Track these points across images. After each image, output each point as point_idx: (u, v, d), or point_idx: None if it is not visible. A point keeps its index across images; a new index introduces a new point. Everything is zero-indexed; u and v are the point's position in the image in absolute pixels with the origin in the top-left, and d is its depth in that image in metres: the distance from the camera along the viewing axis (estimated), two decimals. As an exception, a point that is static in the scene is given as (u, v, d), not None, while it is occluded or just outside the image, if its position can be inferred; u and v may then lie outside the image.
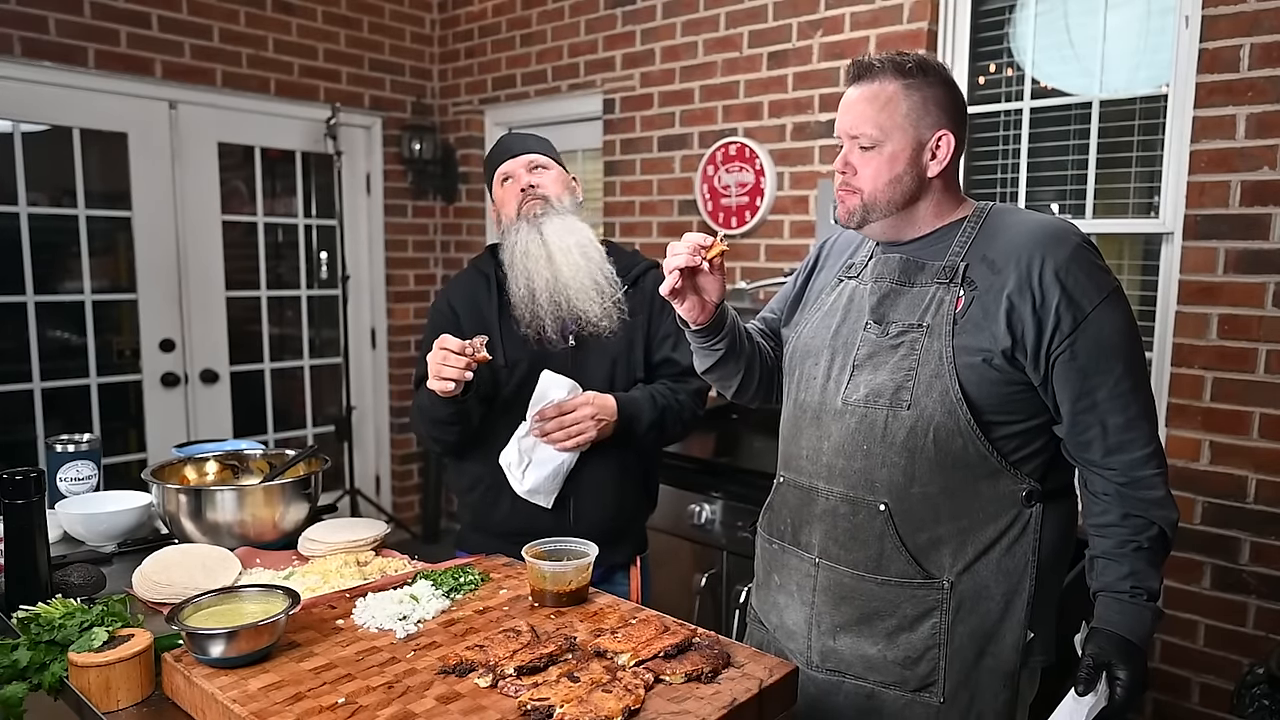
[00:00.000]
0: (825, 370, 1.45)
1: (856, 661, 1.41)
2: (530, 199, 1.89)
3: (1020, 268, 1.30)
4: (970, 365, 1.31)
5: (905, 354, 1.36)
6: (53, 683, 1.20)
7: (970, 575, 1.36)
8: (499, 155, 1.96)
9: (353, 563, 1.62)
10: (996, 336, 1.30)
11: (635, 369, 1.95)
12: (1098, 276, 1.30)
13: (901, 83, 1.34)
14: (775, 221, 3.40)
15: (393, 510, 4.81)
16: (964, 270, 1.35)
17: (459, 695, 1.11)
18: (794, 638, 1.50)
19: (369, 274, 4.69)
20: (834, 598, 1.43)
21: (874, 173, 1.36)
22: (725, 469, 2.79)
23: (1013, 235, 1.34)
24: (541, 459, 1.81)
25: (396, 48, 4.58)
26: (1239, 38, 2.38)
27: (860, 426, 1.38)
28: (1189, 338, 2.51)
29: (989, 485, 1.34)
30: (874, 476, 1.37)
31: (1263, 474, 2.42)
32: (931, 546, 1.36)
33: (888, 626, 1.39)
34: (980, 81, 3.03)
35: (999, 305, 1.30)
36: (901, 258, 1.42)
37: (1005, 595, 1.36)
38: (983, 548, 1.36)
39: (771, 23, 3.34)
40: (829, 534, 1.43)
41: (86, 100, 3.62)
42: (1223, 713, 2.53)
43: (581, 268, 1.85)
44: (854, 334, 1.43)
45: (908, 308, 1.38)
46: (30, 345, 3.58)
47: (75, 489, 1.99)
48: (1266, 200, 2.37)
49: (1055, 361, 1.30)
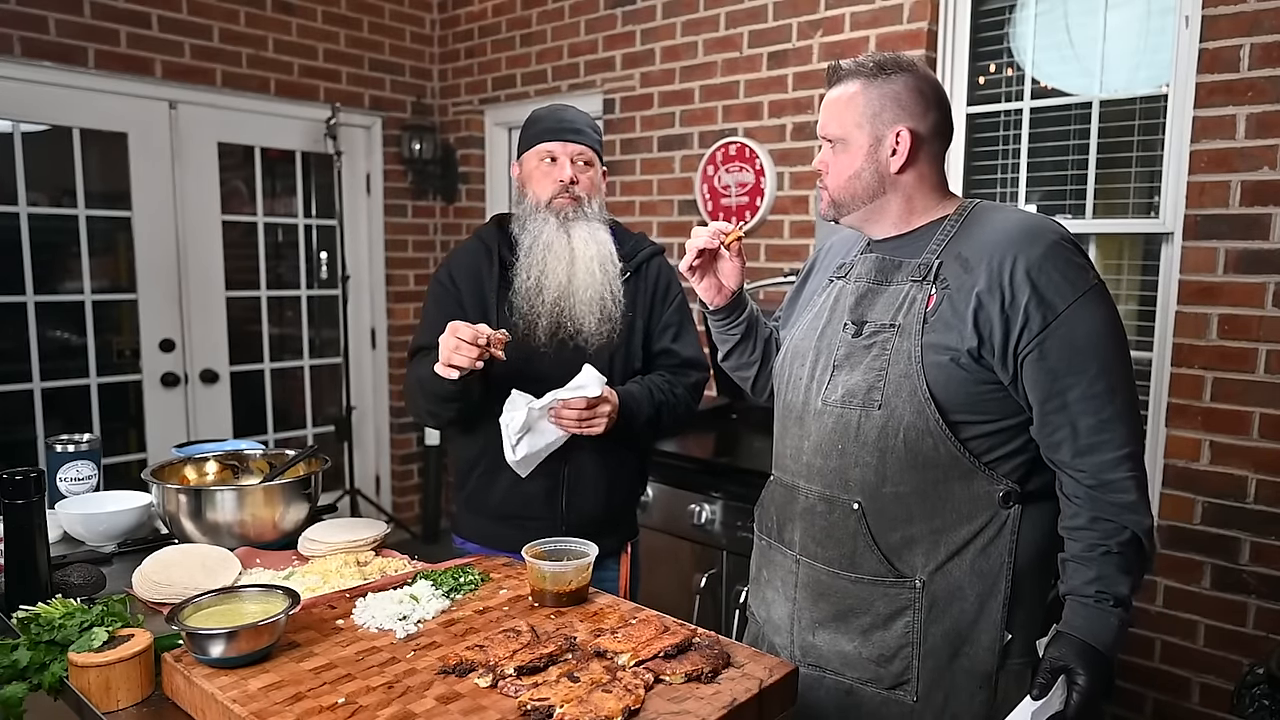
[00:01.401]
0: (809, 371, 1.47)
1: (834, 657, 1.44)
2: (567, 195, 1.87)
3: (992, 266, 1.29)
4: (938, 364, 1.31)
5: (877, 354, 1.37)
6: (53, 683, 1.20)
7: (943, 575, 1.36)
8: (553, 129, 1.89)
9: (353, 563, 1.62)
10: (964, 335, 1.30)
11: (634, 359, 1.95)
12: (1074, 274, 1.28)
13: (862, 83, 1.39)
14: (775, 221, 3.40)
15: (393, 510, 4.80)
16: (938, 268, 1.35)
17: (459, 695, 1.11)
18: (779, 631, 1.53)
19: (369, 274, 4.69)
20: (813, 594, 1.45)
21: (838, 170, 1.42)
22: (725, 469, 2.79)
23: (989, 233, 1.34)
24: (541, 430, 1.78)
25: (396, 48, 4.58)
26: (1239, 38, 2.38)
27: (836, 426, 1.40)
28: (1189, 338, 2.51)
29: (962, 486, 1.34)
30: (848, 476, 1.39)
31: (1263, 474, 2.42)
32: (904, 546, 1.37)
33: (862, 624, 1.41)
34: (980, 81, 3.03)
35: (968, 304, 1.30)
36: (878, 257, 1.45)
37: (980, 596, 1.35)
38: (956, 548, 1.35)
39: (771, 23, 3.34)
40: (808, 531, 1.45)
41: (86, 100, 3.62)
42: (1223, 713, 2.52)
43: (596, 281, 1.85)
44: (835, 335, 1.45)
45: (884, 307, 1.40)
46: (30, 345, 3.58)
47: (75, 489, 1.99)
48: (1266, 200, 2.37)
49: (1024, 361, 1.28)
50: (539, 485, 1.87)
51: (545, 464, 1.84)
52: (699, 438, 3.08)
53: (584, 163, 1.89)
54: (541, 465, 1.84)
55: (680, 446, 2.90)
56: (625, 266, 1.94)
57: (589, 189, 1.90)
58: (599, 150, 1.95)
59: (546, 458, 1.82)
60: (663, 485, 2.73)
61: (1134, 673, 2.69)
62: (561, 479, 1.88)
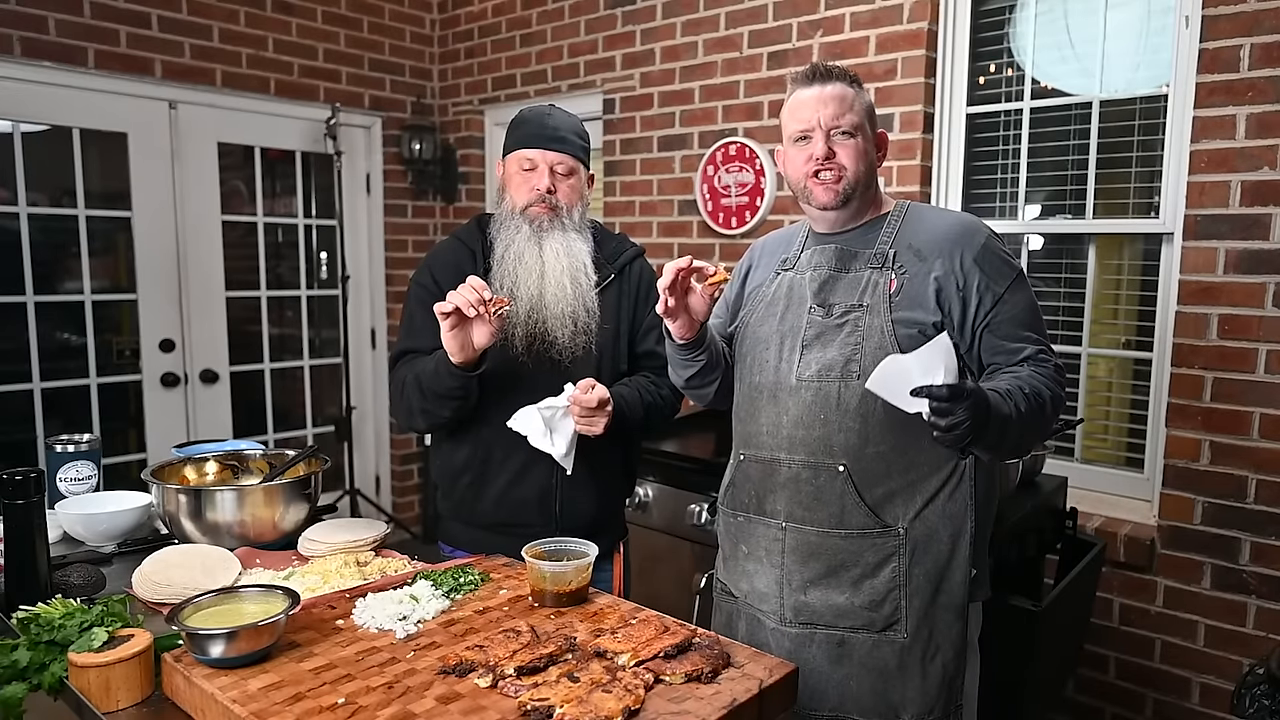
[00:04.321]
0: (776, 353, 1.62)
1: (827, 611, 1.57)
2: (543, 204, 1.85)
3: (945, 255, 1.54)
4: (909, 336, 1.50)
5: (850, 331, 1.54)
6: (53, 683, 1.20)
7: (921, 521, 1.54)
8: (535, 135, 1.87)
9: (353, 563, 1.62)
10: (929, 311, 1.52)
11: (620, 361, 1.95)
12: (1007, 263, 1.56)
13: (856, 89, 1.59)
14: (775, 222, 3.40)
15: (393, 510, 4.80)
16: (893, 257, 1.57)
17: (459, 695, 1.11)
18: (766, 599, 1.64)
19: (369, 274, 4.69)
20: (802, 556, 1.58)
21: (857, 155, 1.57)
22: (724, 469, 2.79)
23: (934, 228, 1.58)
24: (562, 428, 1.77)
25: (396, 48, 4.58)
26: (1239, 38, 2.38)
27: (816, 399, 1.55)
28: (1189, 338, 2.51)
29: (930, 441, 1.45)
30: (832, 442, 1.54)
31: (1263, 474, 2.42)
32: (886, 499, 1.54)
33: (853, 575, 1.56)
34: (980, 81, 3.03)
35: (928, 286, 1.52)
36: (837, 248, 1.62)
37: (951, 537, 1.55)
38: (929, 495, 1.54)
39: (771, 23, 3.34)
40: (794, 498, 1.58)
41: (86, 100, 3.62)
42: (1223, 713, 2.53)
43: (567, 295, 1.84)
44: (799, 319, 1.61)
45: (846, 291, 1.58)
46: (30, 345, 3.58)
47: (75, 489, 1.99)
48: (1266, 200, 2.37)
49: (981, 332, 1.53)
50: (532, 492, 1.87)
51: (536, 471, 1.85)
52: (699, 438, 3.08)
53: (565, 171, 1.87)
54: (532, 472, 1.85)
55: (680, 446, 2.89)
56: (607, 269, 1.93)
57: (568, 198, 1.88)
58: (584, 158, 1.92)
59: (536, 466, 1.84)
60: (663, 485, 2.73)
61: (1134, 673, 2.69)
62: (554, 484, 1.87)
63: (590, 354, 1.88)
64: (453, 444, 1.93)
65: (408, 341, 1.91)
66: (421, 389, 1.80)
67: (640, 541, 2.58)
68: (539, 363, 1.84)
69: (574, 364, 1.85)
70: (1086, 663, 2.76)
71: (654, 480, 2.73)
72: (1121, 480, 2.81)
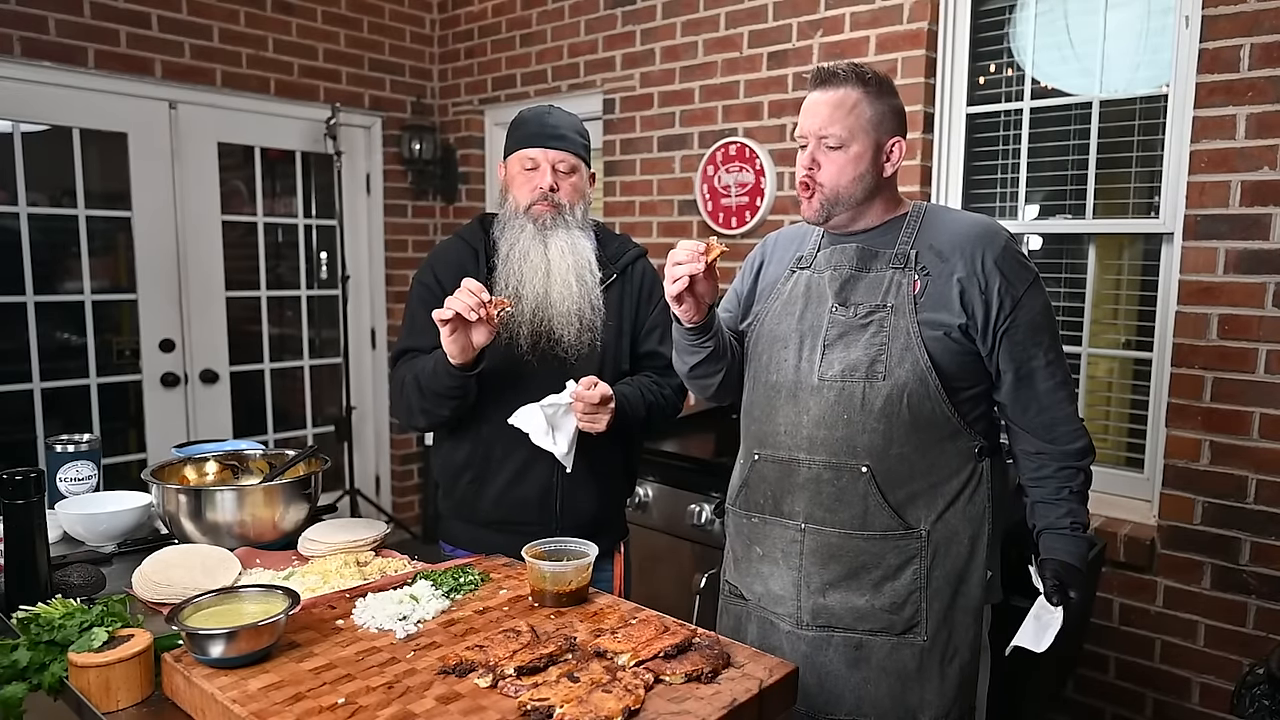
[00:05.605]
0: (796, 352, 1.59)
1: (846, 614, 1.56)
2: (546, 203, 1.86)
3: (966, 257, 1.52)
4: (935, 338, 1.50)
5: (875, 331, 1.53)
6: (53, 683, 1.20)
7: (942, 523, 1.54)
8: (536, 134, 1.87)
9: (353, 563, 1.62)
10: (954, 313, 1.51)
11: (623, 360, 1.95)
12: (1025, 265, 1.55)
13: (863, 91, 1.53)
14: (775, 222, 3.40)
15: (393, 510, 4.80)
16: (915, 257, 1.55)
17: (459, 695, 1.11)
18: (781, 602, 1.62)
19: (369, 274, 4.69)
20: (822, 558, 1.56)
21: (838, 170, 1.53)
22: (725, 469, 2.78)
23: (954, 229, 1.56)
24: (564, 426, 1.77)
25: (396, 48, 4.58)
26: (1239, 38, 2.38)
27: (839, 399, 1.53)
28: (1189, 338, 2.51)
29: (951, 443, 1.54)
30: (855, 442, 1.52)
31: (1263, 474, 2.42)
32: (909, 500, 1.53)
33: (874, 577, 1.54)
34: (980, 81, 3.03)
35: (952, 288, 1.52)
36: (857, 247, 1.60)
37: (971, 539, 1.56)
38: (950, 498, 1.55)
39: (771, 23, 3.34)
40: (814, 499, 1.56)
41: (86, 100, 3.62)
42: (1223, 713, 2.52)
43: (573, 294, 1.84)
44: (819, 318, 1.58)
45: (867, 290, 1.56)
46: (30, 345, 3.58)
47: (75, 489, 1.99)
48: (1266, 200, 2.37)
49: (1001, 336, 1.52)
50: (533, 491, 1.87)
51: (537, 469, 1.85)
52: (699, 438, 3.08)
53: (567, 169, 1.87)
54: (533, 471, 1.85)
55: (680, 446, 2.90)
56: (610, 269, 1.93)
57: (570, 196, 1.88)
58: (585, 156, 1.92)
59: (537, 464, 1.84)
60: (663, 485, 2.73)
61: (1134, 673, 2.69)
62: (555, 483, 1.87)
63: (595, 352, 1.88)
64: (454, 442, 1.93)
65: (409, 340, 1.92)
66: (420, 388, 1.81)
67: (640, 541, 2.58)
68: (544, 361, 1.84)
69: (579, 362, 1.85)
70: (1086, 663, 2.76)
71: (654, 480, 2.73)
72: (1121, 480, 2.81)
